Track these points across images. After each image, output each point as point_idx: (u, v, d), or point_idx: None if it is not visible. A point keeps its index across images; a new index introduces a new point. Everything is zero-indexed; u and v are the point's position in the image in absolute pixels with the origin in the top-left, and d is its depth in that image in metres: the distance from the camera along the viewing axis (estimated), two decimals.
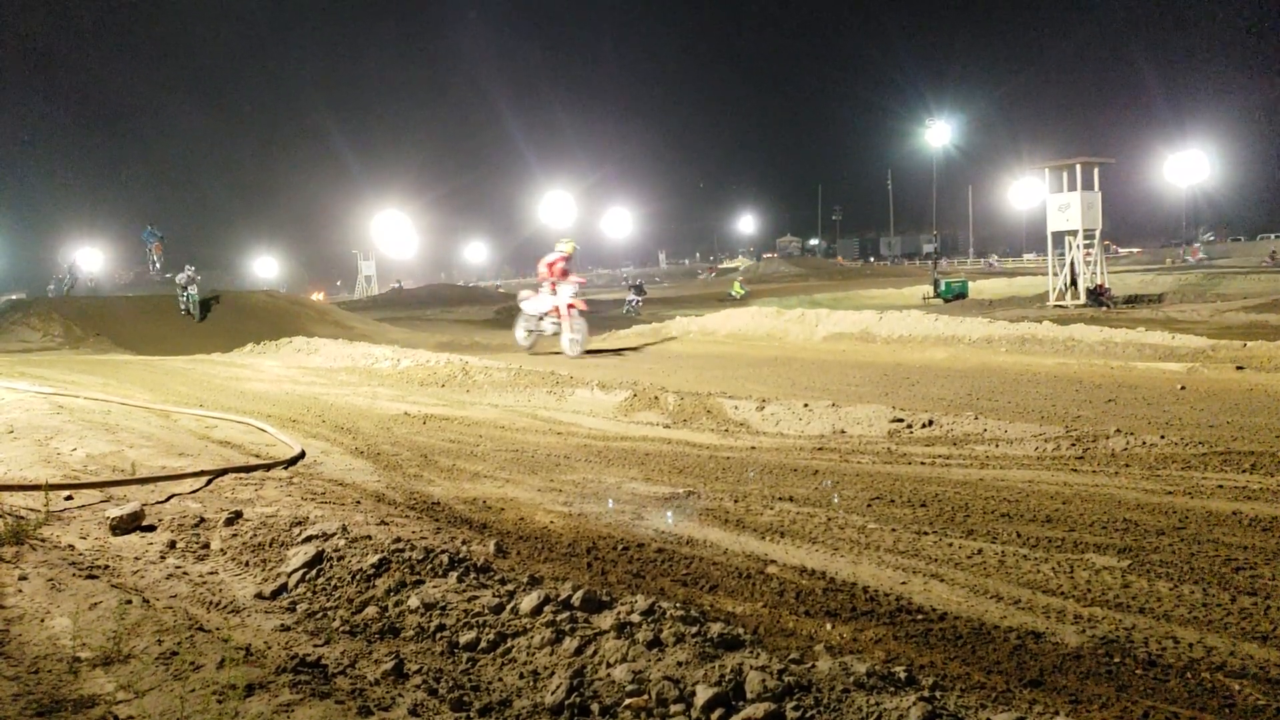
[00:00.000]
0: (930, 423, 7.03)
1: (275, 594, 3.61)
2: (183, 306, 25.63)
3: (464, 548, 4.26)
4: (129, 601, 3.16)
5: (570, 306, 14.10)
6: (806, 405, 7.81)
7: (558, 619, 3.06)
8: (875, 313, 17.14)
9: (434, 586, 3.42)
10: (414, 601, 3.30)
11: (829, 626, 3.51)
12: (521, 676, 2.80)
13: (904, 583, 3.93)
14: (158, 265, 33.70)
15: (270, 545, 4.15)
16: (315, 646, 3.00)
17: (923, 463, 6.11)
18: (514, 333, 14.84)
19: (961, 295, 31.81)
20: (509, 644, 2.98)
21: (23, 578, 3.41)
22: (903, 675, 2.66)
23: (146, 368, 14.72)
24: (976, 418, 7.06)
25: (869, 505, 5.12)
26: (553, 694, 2.60)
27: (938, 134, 72.66)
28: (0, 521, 4.07)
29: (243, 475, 5.84)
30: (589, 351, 14.96)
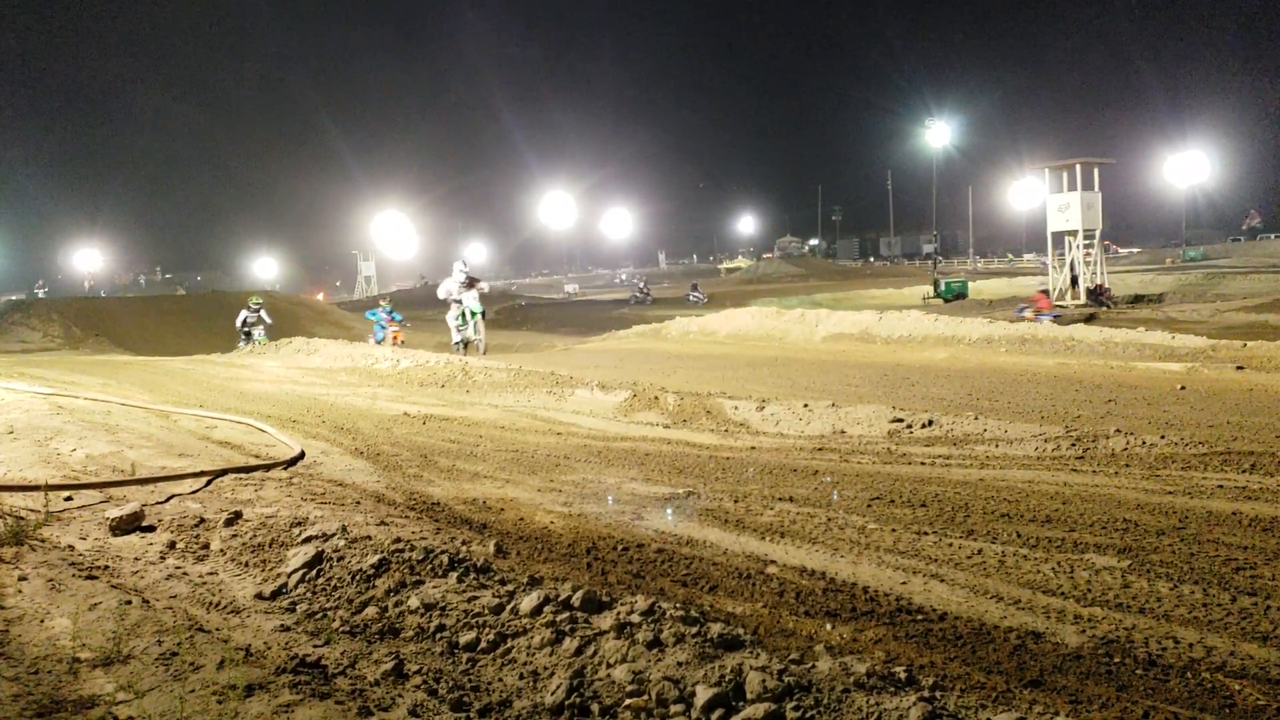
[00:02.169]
0: (930, 423, 7.03)
1: (275, 594, 3.60)
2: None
3: (464, 548, 4.26)
4: (129, 602, 3.16)
5: None
6: (806, 405, 7.81)
7: (558, 619, 3.05)
8: (875, 313, 17.15)
9: (434, 587, 3.42)
10: (414, 602, 3.30)
11: (829, 627, 3.51)
12: (521, 677, 2.80)
13: (904, 583, 3.92)
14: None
15: (270, 546, 4.15)
16: (315, 647, 3.00)
17: (923, 463, 6.11)
18: None
19: (961, 295, 31.83)
20: (509, 644, 2.98)
21: (23, 578, 3.41)
22: (903, 675, 2.66)
23: (146, 368, 14.73)
24: (976, 418, 7.06)
25: (869, 505, 5.11)
26: (553, 694, 2.60)
27: (938, 134, 72.64)
28: (0, 522, 4.07)
29: (242, 476, 5.84)
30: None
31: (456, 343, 16.16)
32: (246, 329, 19.86)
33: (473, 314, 15.95)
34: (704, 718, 2.43)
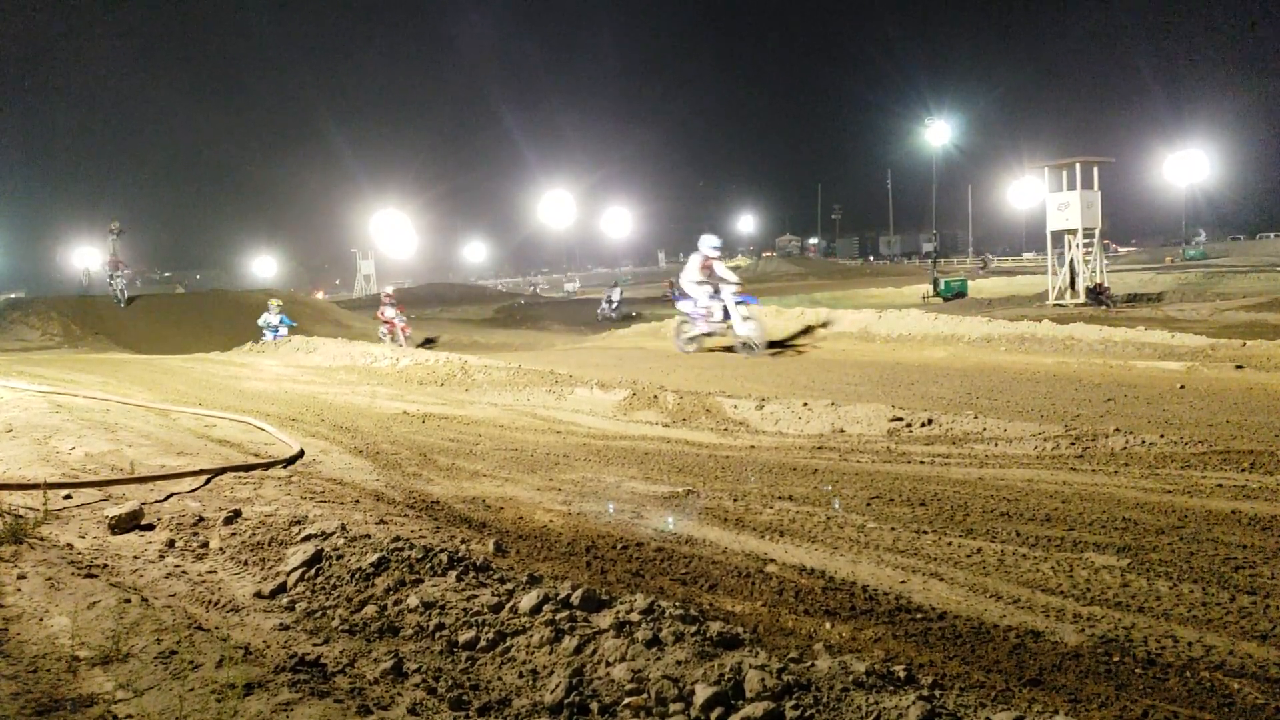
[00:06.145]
0: (929, 422, 7.02)
1: (274, 593, 3.60)
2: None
3: (463, 546, 4.25)
4: (128, 600, 3.16)
5: None
6: (805, 404, 7.81)
7: (557, 618, 3.05)
8: (874, 312, 17.14)
9: (433, 585, 3.42)
10: (413, 600, 3.30)
11: (828, 625, 3.51)
12: (520, 675, 2.79)
13: (903, 582, 3.92)
14: None
15: (269, 544, 4.14)
16: (314, 645, 3.00)
17: (922, 462, 6.10)
18: None
19: (961, 294, 31.87)
20: (508, 643, 2.98)
21: (21, 577, 3.41)
22: (902, 674, 2.66)
23: (145, 366, 14.72)
24: (976, 416, 7.06)
25: (868, 504, 5.11)
26: (552, 693, 2.59)
27: (937, 133, 72.75)
28: None
29: (242, 474, 5.84)
30: None
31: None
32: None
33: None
34: (703, 716, 2.42)
